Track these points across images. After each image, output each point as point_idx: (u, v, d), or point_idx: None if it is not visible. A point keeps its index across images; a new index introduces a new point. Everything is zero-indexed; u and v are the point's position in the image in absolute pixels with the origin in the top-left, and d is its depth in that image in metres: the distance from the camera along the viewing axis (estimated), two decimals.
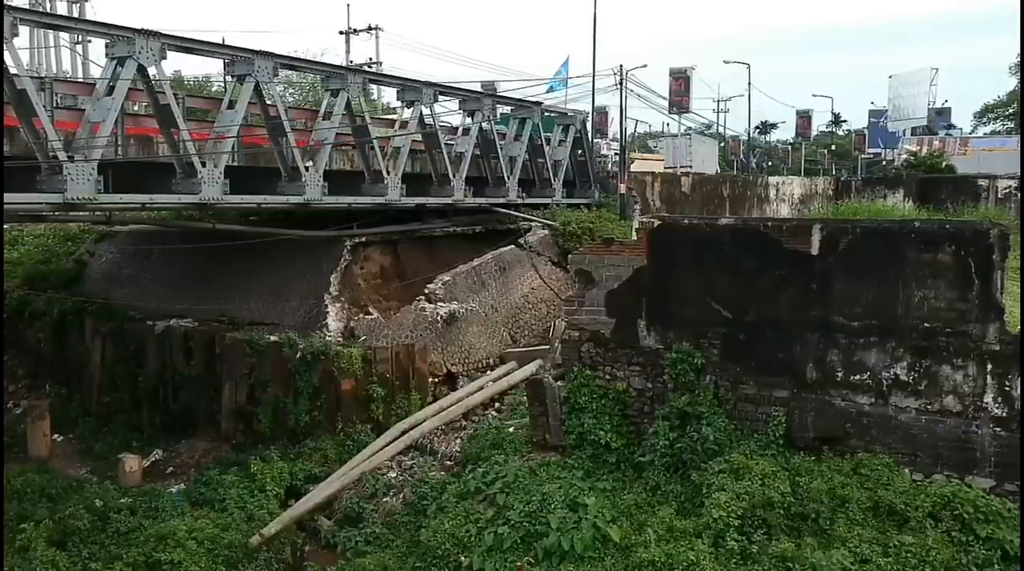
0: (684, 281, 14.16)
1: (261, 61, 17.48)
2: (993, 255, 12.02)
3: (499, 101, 25.94)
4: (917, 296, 12.38)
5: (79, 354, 22.36)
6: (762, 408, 13.42)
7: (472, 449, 15.96)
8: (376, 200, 20.61)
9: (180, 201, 16.85)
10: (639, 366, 14.48)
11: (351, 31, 51.90)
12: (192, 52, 17.21)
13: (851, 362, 12.86)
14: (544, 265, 23.54)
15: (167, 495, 16.64)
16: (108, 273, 24.41)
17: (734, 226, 14.51)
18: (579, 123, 28.51)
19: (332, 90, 19.81)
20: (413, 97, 21.51)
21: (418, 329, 19.56)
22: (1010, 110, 69.95)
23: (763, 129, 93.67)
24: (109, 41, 15.46)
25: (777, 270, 13.39)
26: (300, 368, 18.12)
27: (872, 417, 12.73)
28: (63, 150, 14.28)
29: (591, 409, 14.46)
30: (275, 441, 18.08)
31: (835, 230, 13.20)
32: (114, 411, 21.16)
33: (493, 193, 24.61)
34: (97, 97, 15.36)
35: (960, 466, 12.13)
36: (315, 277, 20.42)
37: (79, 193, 14.46)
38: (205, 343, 20.00)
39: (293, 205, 18.92)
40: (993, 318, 11.99)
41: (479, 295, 21.22)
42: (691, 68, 47.78)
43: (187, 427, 19.92)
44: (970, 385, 12.10)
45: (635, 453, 14.00)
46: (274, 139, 18.36)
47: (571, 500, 12.52)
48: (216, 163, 16.66)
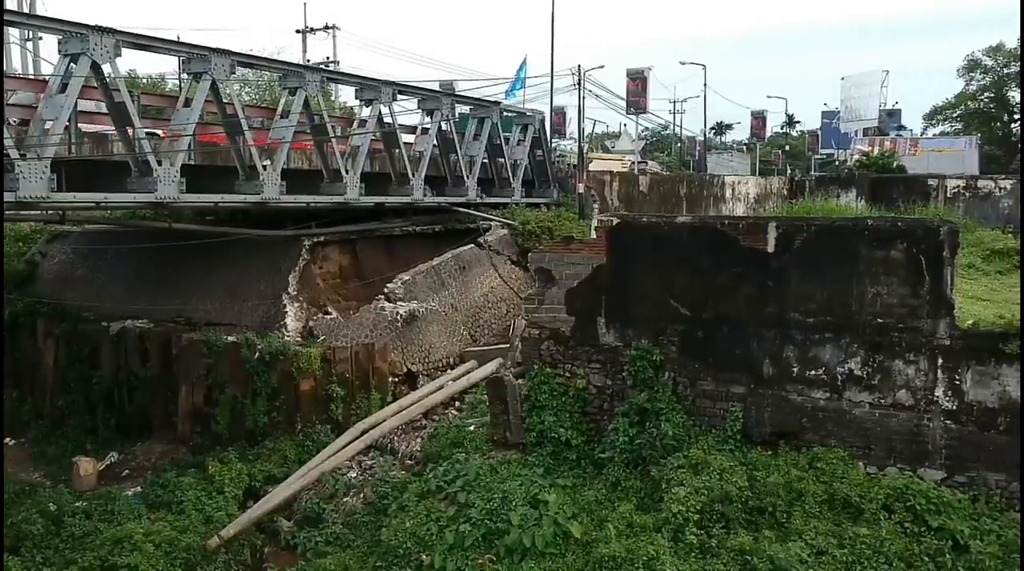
0: (643, 279, 14.29)
1: (217, 59, 17.31)
2: (943, 252, 12.32)
3: (458, 100, 25.95)
4: (870, 292, 12.63)
5: (31, 356, 21.93)
6: (720, 404, 13.60)
7: (433, 448, 15.96)
8: (335, 199, 20.50)
9: (135, 200, 16.61)
10: (599, 363, 14.58)
11: (308, 30, 51.51)
12: (147, 49, 16.97)
13: (806, 358, 13.08)
14: (504, 264, 23.59)
15: (123, 498, 16.39)
16: (61, 274, 23.99)
17: (692, 224, 14.67)
18: (537, 123, 28.59)
19: (290, 88, 19.67)
20: (372, 96, 21.43)
21: (378, 328, 19.49)
22: (958, 112, 71.35)
23: (719, 130, 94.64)
24: (62, 38, 15.21)
25: (734, 268, 13.58)
26: (258, 369, 17.96)
27: (827, 412, 12.96)
28: (15, 148, 14.03)
29: (551, 407, 14.54)
30: (233, 442, 17.90)
31: (790, 228, 13.41)
32: (68, 414, 20.78)
33: (452, 192, 24.61)
34: (50, 94, 15.11)
35: (912, 459, 12.41)
36: (273, 277, 20.26)
37: (31, 192, 14.22)
38: (161, 344, 19.74)
39: (251, 204, 18.76)
40: (944, 314, 12.28)
41: (439, 294, 21.21)
42: (648, 69, 48.11)
43: (143, 429, 19.65)
44: (922, 379, 12.38)
45: (595, 450, 14.11)
46: (231, 137, 18.19)
47: (532, 497, 12.58)
48: (172, 162, 16.46)
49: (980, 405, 12.06)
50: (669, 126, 77.95)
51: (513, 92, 38.33)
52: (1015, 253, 21.29)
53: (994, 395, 11.98)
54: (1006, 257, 21.38)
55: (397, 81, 22.99)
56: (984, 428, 12.04)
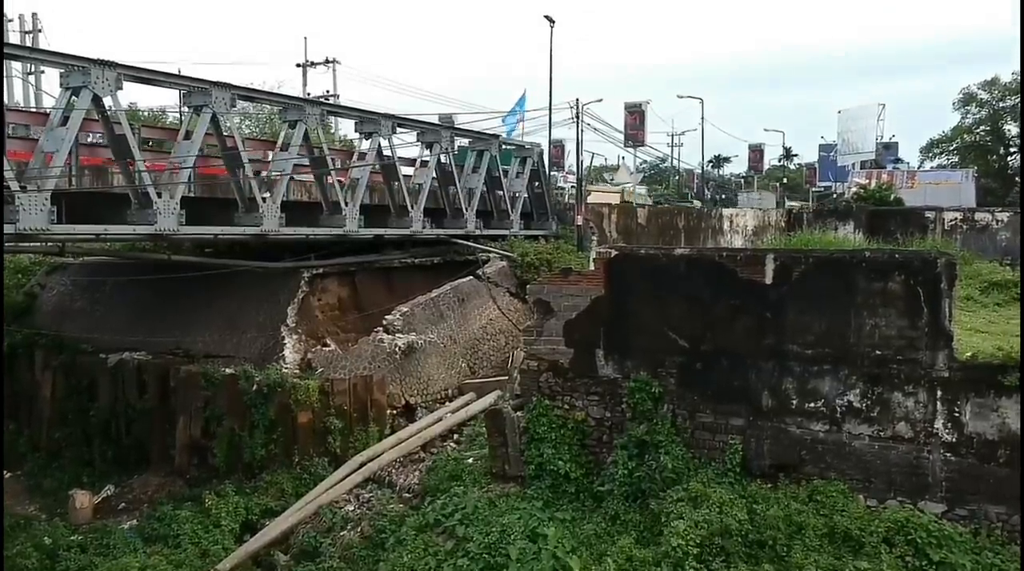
0: (641, 311, 14.29)
1: (218, 92, 17.44)
2: (941, 284, 12.32)
3: (457, 133, 26.08)
4: (868, 324, 12.62)
5: (28, 388, 21.87)
6: (719, 436, 13.55)
7: (431, 481, 15.87)
8: (334, 231, 20.55)
9: (135, 232, 16.65)
10: (597, 395, 14.54)
11: (308, 64, 51.93)
12: (149, 83, 17.11)
13: (805, 390, 13.05)
14: (502, 296, 23.61)
15: (119, 532, 16.28)
16: (60, 305, 23.99)
17: (690, 256, 14.70)
18: (536, 156, 28.76)
19: (290, 121, 19.80)
20: (371, 129, 21.57)
21: (376, 360, 19.45)
22: (954, 145, 71.69)
23: (716, 162, 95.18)
24: (64, 71, 15.33)
25: (732, 299, 13.58)
26: (256, 401, 17.91)
27: (826, 444, 12.90)
28: (15, 180, 14.08)
29: (550, 439, 14.47)
30: (230, 475, 17.80)
31: (788, 260, 13.43)
32: (64, 446, 20.70)
33: (451, 224, 24.68)
34: (51, 127, 15.19)
35: (912, 492, 12.33)
36: (272, 309, 20.26)
37: (31, 224, 14.25)
38: (159, 376, 19.69)
39: (250, 236, 18.79)
40: (942, 345, 12.26)
41: (437, 326, 21.19)
42: (646, 103, 48.52)
43: (140, 462, 19.56)
44: (921, 411, 12.34)
45: (594, 483, 14.03)
46: (231, 170, 18.27)
47: (531, 531, 12.50)
48: (172, 194, 16.52)
49: (980, 437, 12.01)
50: (667, 159, 78.37)
51: (509, 121, 38.54)
52: (1013, 285, 21.31)
53: (994, 427, 11.94)
54: (1004, 289, 21.38)
55: (396, 114, 23.14)
56: (984, 460, 11.97)
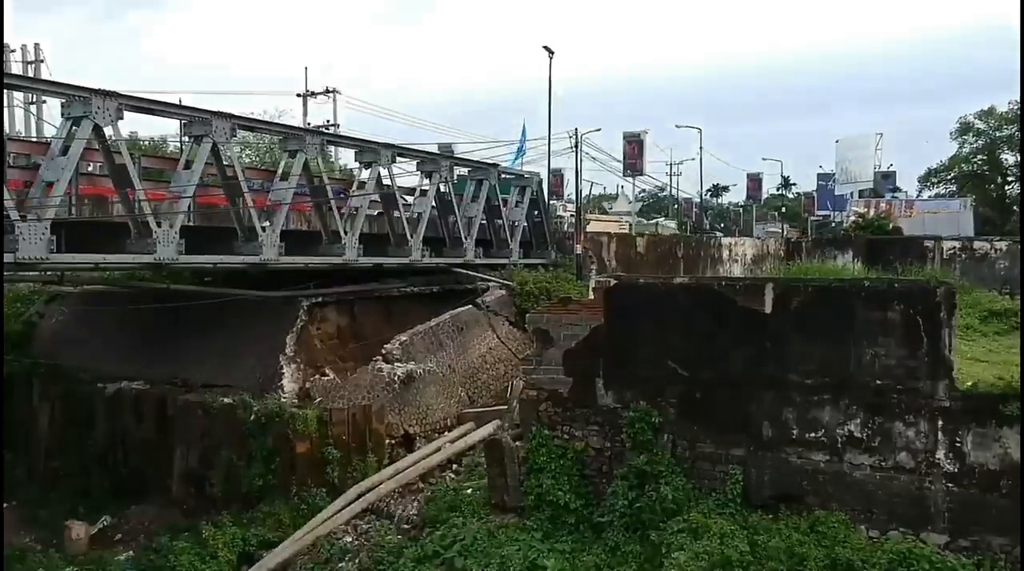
0: (641, 340, 14.27)
1: (218, 122, 17.52)
2: (940, 313, 12.33)
3: (456, 163, 26.20)
4: (868, 354, 12.60)
5: (26, 417, 21.77)
6: (719, 466, 13.48)
7: (430, 512, 15.77)
8: (333, 260, 20.56)
9: (134, 261, 16.67)
10: (597, 425, 14.48)
11: (308, 93, 52.21)
12: (150, 113, 17.20)
13: (806, 419, 13.01)
14: (502, 325, 23.57)
15: (115, 563, 16.19)
16: (58, 334, 23.94)
17: (689, 285, 14.72)
18: (535, 185, 28.85)
19: (290, 151, 19.87)
20: (371, 158, 21.65)
21: (375, 390, 19.38)
22: (952, 174, 72.07)
23: (715, 192, 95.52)
24: (65, 101, 15.42)
25: (731, 329, 13.57)
26: (254, 430, 17.81)
27: (827, 474, 12.84)
28: (15, 209, 14.11)
29: (550, 469, 14.38)
30: (228, 505, 17.65)
31: (787, 289, 13.44)
32: (61, 476, 20.56)
33: (451, 253, 24.70)
34: (51, 156, 15.25)
35: (914, 522, 12.26)
36: (271, 338, 20.20)
37: (30, 253, 14.25)
38: (157, 405, 19.60)
39: (249, 265, 18.80)
40: (943, 375, 12.24)
41: (437, 355, 21.13)
42: (644, 132, 48.83)
43: (137, 492, 19.39)
44: (922, 441, 12.30)
45: (594, 513, 13.93)
46: (231, 199, 18.31)
47: (530, 562, 12.43)
48: (172, 223, 16.55)
49: (982, 467, 11.97)
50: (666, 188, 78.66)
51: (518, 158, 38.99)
52: (1013, 314, 21.31)
53: (995, 457, 11.89)
54: (1004, 318, 21.38)
55: (396, 143, 23.25)
56: (987, 491, 11.92)
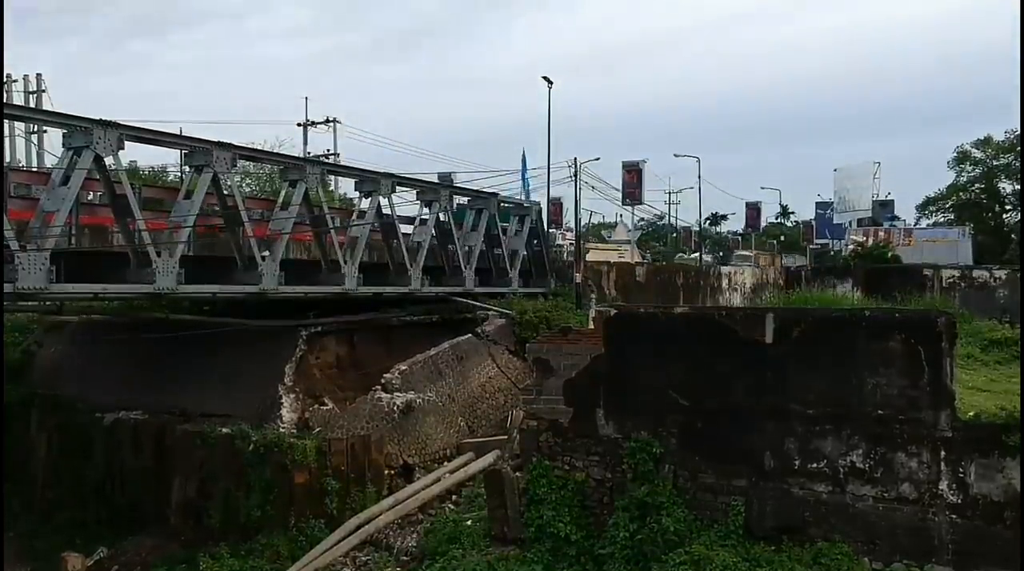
0: (641, 369, 14.22)
1: (219, 152, 17.57)
2: (942, 343, 12.31)
3: (456, 192, 26.27)
4: (870, 383, 12.56)
5: (23, 447, 21.64)
6: (721, 497, 13.38)
7: (429, 544, 15.62)
8: (333, 289, 20.54)
9: (134, 291, 16.64)
10: (598, 455, 14.39)
11: (309, 123, 52.53)
12: (151, 143, 17.27)
13: (808, 450, 12.93)
14: (501, 354, 23.49)
15: None
16: (57, 364, 23.85)
17: (689, 314, 14.71)
18: (534, 214, 28.90)
19: (290, 181, 19.93)
20: (371, 188, 21.70)
21: (374, 420, 19.29)
22: (949, 202, 72.34)
23: (714, 220, 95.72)
24: (66, 131, 15.47)
25: (733, 358, 13.53)
26: (252, 461, 17.68)
27: (830, 506, 12.75)
28: (15, 239, 14.11)
29: (550, 500, 14.27)
30: (226, 537, 17.49)
31: (788, 319, 13.43)
32: (58, 507, 20.39)
33: (450, 282, 24.67)
34: (52, 187, 15.28)
35: (918, 554, 12.16)
36: (269, 367, 20.12)
37: (30, 283, 14.23)
38: (155, 436, 19.48)
39: (249, 294, 18.78)
40: (945, 405, 12.20)
41: (436, 385, 21.05)
42: (643, 161, 49.09)
43: (134, 523, 19.23)
44: (925, 472, 12.22)
45: (595, 545, 13.79)
46: (231, 229, 18.33)
47: None
48: (171, 253, 16.55)
49: (985, 499, 11.89)
50: (665, 217, 78.89)
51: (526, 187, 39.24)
52: (1013, 343, 21.26)
53: (999, 488, 11.82)
54: (1004, 347, 21.33)
55: (396, 173, 23.31)
56: (991, 522, 11.83)
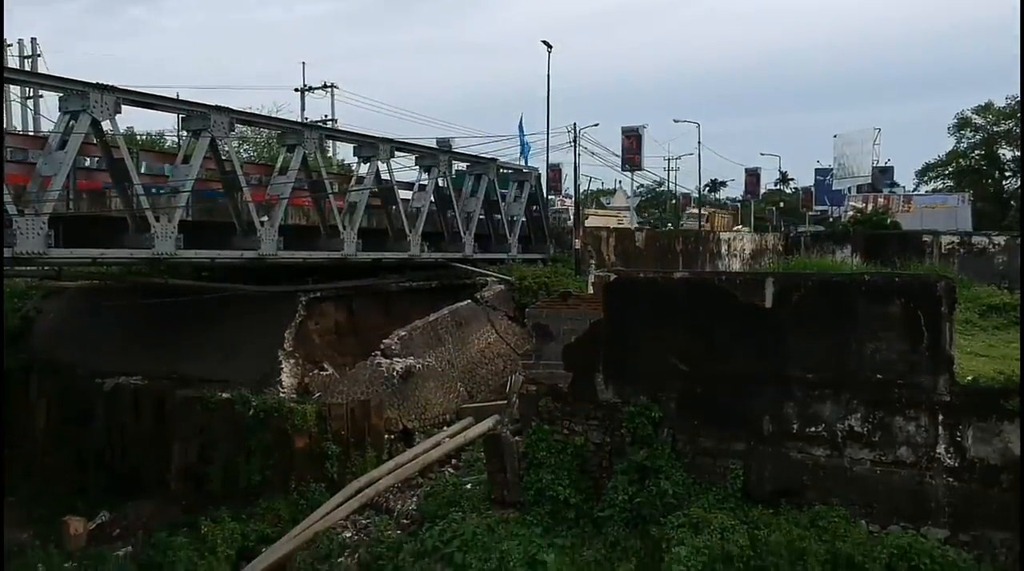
0: (640, 334, 14.24)
1: (217, 116, 17.46)
2: (941, 307, 12.30)
3: (455, 157, 26.15)
4: (869, 348, 12.58)
5: (22, 413, 21.71)
6: (720, 461, 13.45)
7: (429, 507, 15.72)
8: (332, 255, 20.51)
9: (132, 256, 16.59)
10: (597, 420, 14.45)
11: (306, 88, 52.10)
12: (147, 106, 17.13)
13: (806, 414, 12.98)
14: (501, 320, 23.53)
15: (113, 559, 16.12)
16: (55, 330, 23.87)
17: (689, 280, 14.70)
18: (534, 180, 28.81)
19: (288, 146, 19.82)
20: (369, 153, 21.61)
21: (374, 385, 19.34)
22: (949, 169, 72.12)
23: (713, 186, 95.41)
24: (63, 95, 15.35)
25: (732, 323, 13.54)
26: (253, 426, 17.77)
27: (828, 469, 12.82)
28: (12, 204, 14.05)
29: (549, 464, 14.36)
30: (226, 501, 17.58)
31: (788, 284, 13.41)
32: (58, 471, 20.49)
33: (449, 248, 24.67)
34: (49, 151, 15.19)
35: (915, 517, 12.24)
36: (269, 333, 20.16)
37: (28, 248, 14.19)
38: (155, 401, 19.55)
39: (248, 260, 18.74)
40: (943, 369, 12.22)
41: (435, 350, 21.10)
42: (642, 127, 48.81)
43: (135, 488, 19.34)
44: (923, 436, 12.28)
45: (594, 508, 13.90)
46: (229, 194, 18.26)
47: (530, 558, 12.40)
48: (170, 218, 16.50)
49: (982, 462, 11.95)
50: (664, 183, 78.65)
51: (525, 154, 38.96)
52: (1012, 309, 21.29)
53: (996, 452, 11.88)
54: (1003, 312, 21.37)
55: (394, 138, 23.18)
56: (987, 486, 11.90)
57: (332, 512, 16.33)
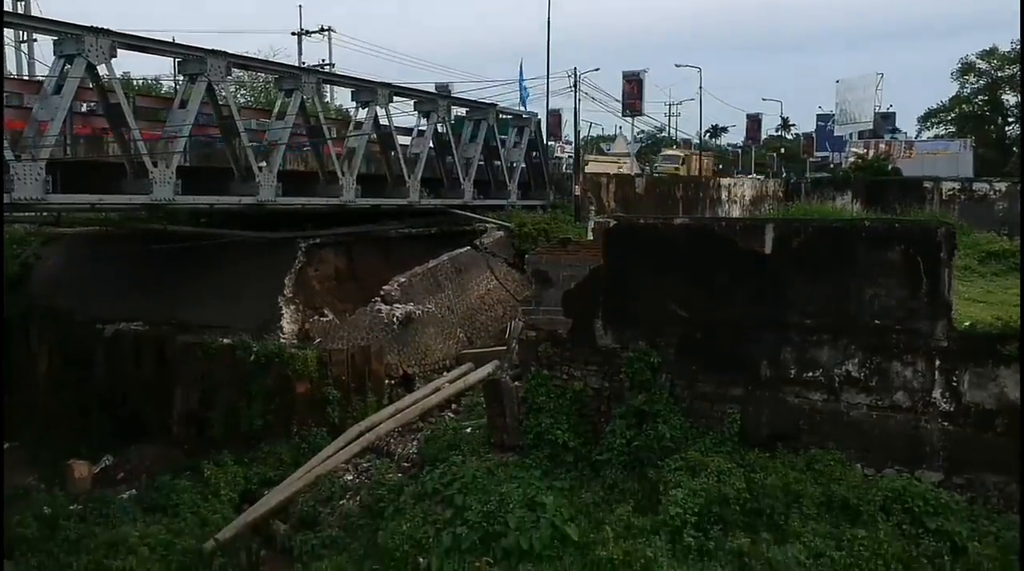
0: (640, 281, 14.26)
1: (213, 60, 17.26)
2: (941, 254, 12.32)
3: (454, 103, 25.93)
4: (868, 294, 12.62)
5: (23, 359, 21.81)
6: (717, 406, 13.58)
7: (429, 451, 15.89)
8: (331, 201, 20.45)
9: (131, 201, 16.56)
10: (596, 365, 14.54)
11: (303, 32, 51.45)
12: (143, 50, 16.93)
13: (804, 360, 13.07)
14: (500, 266, 23.54)
15: (117, 501, 16.29)
16: (55, 276, 23.87)
17: (689, 226, 14.68)
18: (533, 125, 28.60)
19: (286, 90, 19.63)
20: (368, 98, 21.40)
21: (374, 331, 19.43)
22: (952, 115, 71.52)
23: (714, 133, 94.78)
24: (57, 39, 15.15)
25: (731, 270, 13.56)
26: (254, 371, 17.88)
27: (824, 414, 12.94)
28: (9, 149, 13.95)
29: (548, 409, 14.48)
30: (228, 445, 17.75)
31: (788, 230, 13.40)
32: (61, 417, 20.65)
33: (449, 195, 24.57)
34: (45, 95, 15.04)
35: (910, 461, 12.40)
36: (269, 279, 20.17)
37: (26, 194, 14.14)
38: (156, 347, 19.64)
39: (246, 206, 18.68)
40: (941, 315, 12.28)
41: (435, 296, 21.15)
42: (643, 71, 48.26)
43: (137, 433, 19.51)
44: (919, 381, 12.37)
45: (592, 452, 14.05)
46: (227, 139, 18.13)
47: (529, 500, 12.53)
48: (168, 163, 16.40)
49: (978, 407, 12.06)
50: (664, 129, 78.08)
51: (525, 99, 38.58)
52: (1011, 255, 21.32)
53: (992, 397, 11.98)
54: (1002, 259, 21.40)
55: (393, 83, 22.95)
56: (982, 430, 12.03)
57: (334, 456, 16.53)
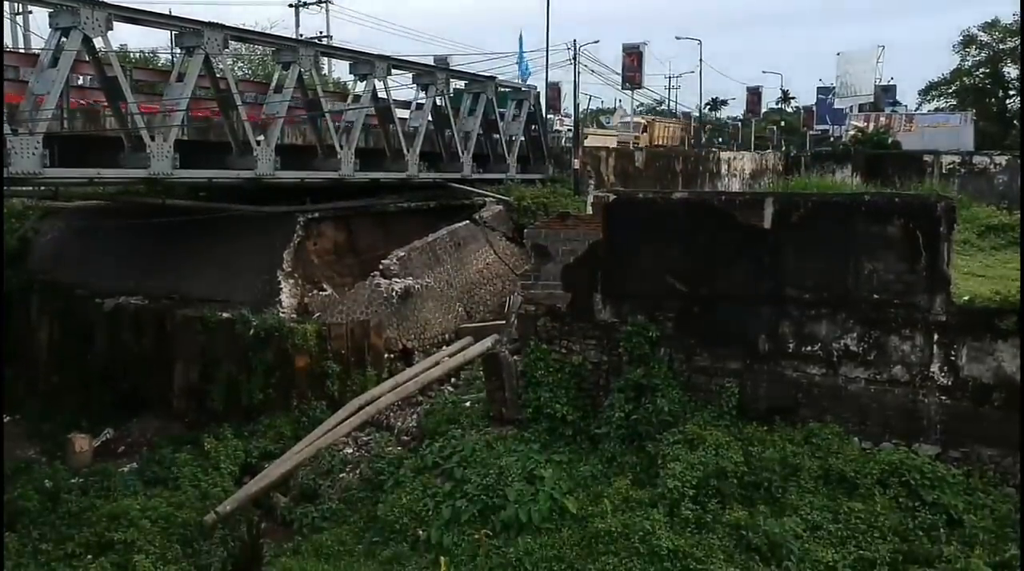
0: (639, 255, 14.26)
1: (211, 32, 17.15)
2: (940, 228, 12.32)
3: (453, 75, 25.79)
4: (867, 268, 12.62)
5: (23, 333, 21.85)
6: (716, 380, 13.62)
7: (429, 424, 15.96)
8: (329, 175, 20.40)
9: (129, 175, 16.51)
10: (595, 339, 14.57)
11: (301, 3, 51.03)
12: (139, 23, 16.81)
13: (802, 334, 13.10)
14: (499, 240, 23.52)
15: (119, 474, 16.39)
16: (54, 251, 23.84)
17: (688, 200, 14.65)
18: (533, 98, 28.46)
19: (284, 63, 19.53)
20: (366, 71, 21.29)
21: (373, 305, 19.44)
22: (953, 88, 71.10)
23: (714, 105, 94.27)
24: (52, 11, 15.04)
25: (730, 244, 13.56)
26: (253, 345, 17.91)
27: (823, 387, 12.99)
28: (6, 123, 13.89)
29: (547, 383, 14.53)
30: (228, 419, 17.82)
31: (787, 204, 13.38)
32: (62, 391, 20.72)
33: (448, 168, 24.48)
34: (41, 69, 14.95)
35: (907, 434, 12.46)
36: (267, 253, 20.16)
37: (24, 168, 14.09)
38: (156, 321, 19.66)
39: (244, 179, 18.62)
40: (940, 289, 12.29)
41: (434, 270, 21.14)
42: (644, 44, 47.91)
43: (138, 406, 19.58)
44: (917, 355, 12.41)
45: (591, 425, 14.12)
46: (224, 113, 18.05)
47: (528, 473, 12.62)
48: (165, 137, 16.34)
49: (975, 381, 12.11)
50: (664, 101, 77.72)
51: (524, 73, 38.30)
52: (1011, 229, 21.28)
53: (989, 371, 12.03)
54: (1001, 233, 21.37)
55: (391, 56, 22.81)
56: (979, 403, 12.09)
57: (333, 429, 16.59)
